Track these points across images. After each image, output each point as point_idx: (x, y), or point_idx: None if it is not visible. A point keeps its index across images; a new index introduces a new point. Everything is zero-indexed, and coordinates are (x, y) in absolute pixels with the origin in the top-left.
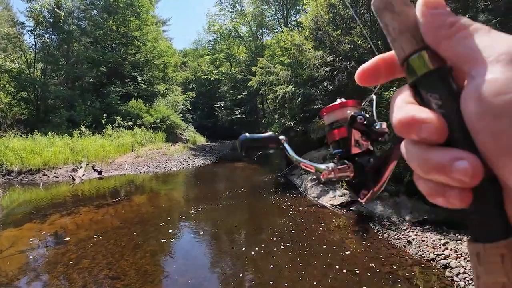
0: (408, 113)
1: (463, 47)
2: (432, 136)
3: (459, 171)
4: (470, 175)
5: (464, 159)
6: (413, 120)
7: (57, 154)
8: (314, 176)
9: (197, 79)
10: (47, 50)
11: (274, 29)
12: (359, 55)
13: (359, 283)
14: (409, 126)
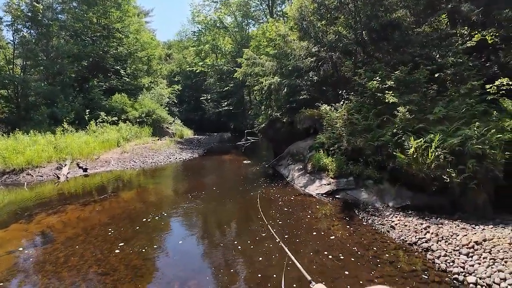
0: None
1: None
2: None
3: None
4: None
5: None
6: None
7: (40, 153)
8: (300, 166)
9: (182, 72)
10: (26, 45)
11: (260, 19)
12: (343, 46)
13: (344, 268)
14: None
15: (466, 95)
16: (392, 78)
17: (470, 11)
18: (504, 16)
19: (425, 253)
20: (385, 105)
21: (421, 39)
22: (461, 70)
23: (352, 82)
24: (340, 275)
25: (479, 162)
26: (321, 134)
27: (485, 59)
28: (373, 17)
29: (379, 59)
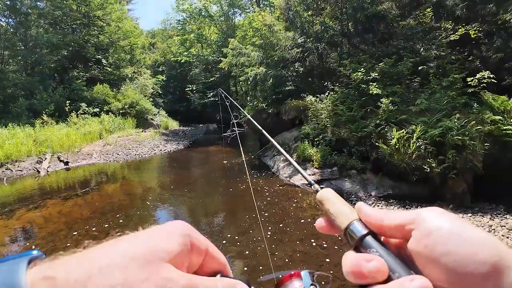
0: (355, 263)
1: (395, 218)
2: (378, 274)
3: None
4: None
5: (418, 278)
6: (361, 266)
7: (19, 146)
8: None
9: (167, 62)
10: (3, 35)
11: (246, 9)
12: (329, 36)
13: (327, 256)
14: (359, 273)
15: (448, 88)
16: (377, 70)
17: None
18: (488, 11)
19: None
20: (369, 96)
21: (405, 32)
22: (444, 63)
23: (337, 74)
24: (323, 262)
25: (459, 152)
26: (307, 125)
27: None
28: (359, 8)
29: (364, 51)
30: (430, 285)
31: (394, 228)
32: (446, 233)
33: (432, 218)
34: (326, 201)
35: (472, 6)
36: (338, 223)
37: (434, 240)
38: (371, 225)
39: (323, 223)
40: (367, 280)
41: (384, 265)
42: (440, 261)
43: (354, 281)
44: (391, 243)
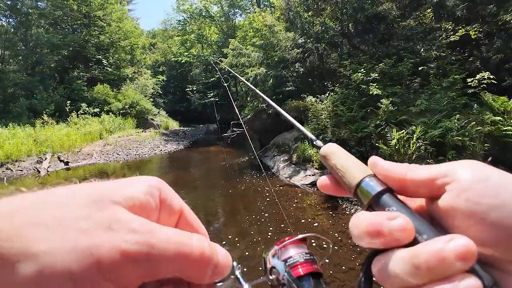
0: (374, 221)
1: (422, 171)
2: (403, 233)
3: (457, 247)
4: (470, 249)
5: (458, 237)
6: (381, 224)
7: (20, 146)
8: (286, 157)
9: (167, 62)
10: (4, 35)
11: (247, 9)
12: (330, 37)
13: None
14: (377, 233)
15: (448, 88)
16: (377, 70)
17: (455, 6)
18: (489, 12)
19: None
20: (369, 97)
21: (406, 33)
22: (444, 64)
23: (337, 74)
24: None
25: (459, 153)
26: (307, 125)
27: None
28: (360, 9)
29: (365, 51)
30: (473, 244)
31: (421, 183)
32: (495, 184)
33: (473, 169)
34: (332, 155)
35: (473, 6)
36: (347, 179)
37: (480, 192)
38: (389, 181)
39: (327, 181)
40: (387, 242)
41: (411, 224)
42: (488, 216)
43: (368, 243)
44: (410, 206)
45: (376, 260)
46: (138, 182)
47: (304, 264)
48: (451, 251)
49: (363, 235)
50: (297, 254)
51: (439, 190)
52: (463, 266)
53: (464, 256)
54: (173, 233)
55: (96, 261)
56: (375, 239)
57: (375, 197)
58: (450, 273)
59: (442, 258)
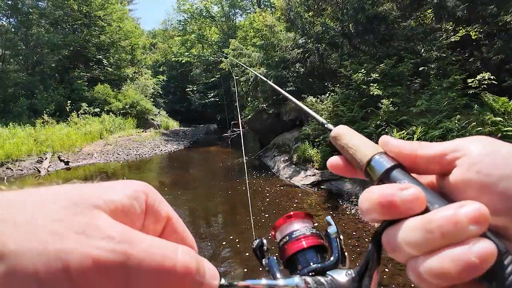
0: (387, 192)
1: (433, 147)
2: (416, 202)
3: (470, 211)
4: (483, 213)
5: (470, 202)
6: (393, 194)
7: (20, 146)
8: (286, 157)
9: (167, 62)
10: (5, 35)
11: (247, 9)
12: (330, 37)
13: None
14: (390, 203)
15: (449, 89)
16: (377, 70)
17: (456, 6)
18: (489, 13)
19: None
20: (370, 97)
21: (406, 33)
22: (445, 65)
23: (338, 74)
24: None
25: None
26: (307, 125)
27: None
28: (360, 9)
29: (365, 51)
30: (486, 208)
31: (432, 158)
32: (505, 156)
33: (483, 143)
34: (344, 135)
35: (473, 7)
36: (358, 156)
37: (491, 164)
38: (400, 157)
39: (338, 161)
40: (400, 212)
41: (423, 193)
42: (499, 187)
43: (380, 215)
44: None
45: (386, 231)
46: (123, 185)
47: (310, 237)
48: (465, 215)
49: (375, 206)
50: (303, 227)
51: (449, 165)
52: (477, 230)
53: (477, 219)
54: (156, 243)
55: (64, 267)
56: (387, 210)
57: (385, 172)
58: (463, 237)
59: (456, 222)
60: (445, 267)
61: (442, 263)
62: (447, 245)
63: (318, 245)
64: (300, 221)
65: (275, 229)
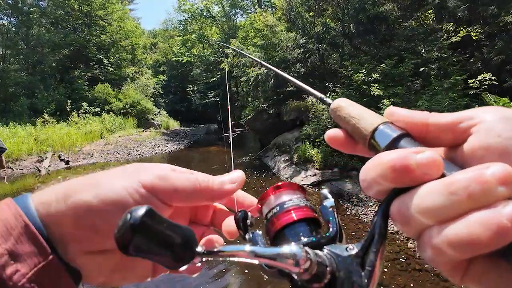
0: (400, 155)
1: (445, 116)
2: (433, 166)
3: (498, 171)
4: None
5: (495, 163)
6: (408, 158)
7: (20, 145)
8: (287, 157)
9: (168, 62)
10: (6, 34)
11: (248, 9)
12: (331, 37)
13: None
14: (404, 168)
15: (449, 89)
16: (378, 71)
17: (456, 7)
18: (490, 13)
19: (406, 242)
20: (371, 97)
21: (407, 33)
22: (445, 65)
23: (338, 75)
24: None
25: None
26: (307, 125)
27: (469, 55)
28: (361, 9)
29: (366, 52)
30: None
31: (445, 127)
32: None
33: (498, 110)
34: (345, 106)
35: (474, 7)
36: (362, 126)
37: (511, 127)
38: (409, 127)
39: (338, 133)
40: (414, 178)
41: (439, 157)
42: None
43: (390, 182)
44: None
45: (397, 200)
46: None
47: (302, 208)
48: (492, 175)
49: (386, 172)
50: (295, 198)
51: (464, 133)
52: (506, 192)
53: (506, 180)
54: (188, 174)
55: (140, 183)
56: (400, 175)
57: (393, 141)
58: (492, 199)
59: (483, 182)
60: (473, 232)
61: (470, 228)
62: (473, 208)
63: (311, 218)
64: (291, 192)
65: (261, 201)
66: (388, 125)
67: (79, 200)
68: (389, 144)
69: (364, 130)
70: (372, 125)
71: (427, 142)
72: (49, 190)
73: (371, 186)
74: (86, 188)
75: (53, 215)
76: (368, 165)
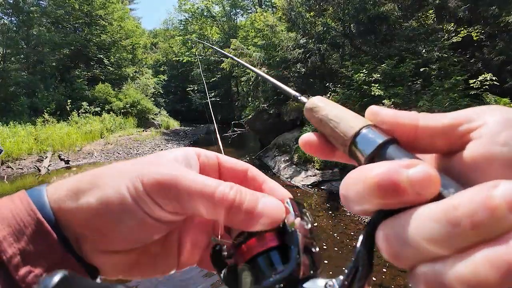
0: (388, 169)
1: (439, 118)
2: (428, 184)
3: (509, 193)
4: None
5: (504, 182)
6: (398, 173)
7: (20, 145)
8: (287, 158)
9: (168, 61)
10: (6, 33)
11: (248, 9)
12: (331, 37)
13: (328, 258)
14: (392, 186)
15: (450, 90)
16: (378, 71)
17: (457, 7)
18: (491, 13)
19: None
20: (371, 97)
21: (408, 34)
22: (446, 65)
23: (339, 75)
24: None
25: None
26: (308, 125)
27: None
28: (362, 9)
29: (366, 52)
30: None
31: (439, 131)
32: None
33: (503, 111)
34: (322, 107)
35: (475, 8)
36: (342, 129)
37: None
38: (396, 131)
39: (313, 137)
40: (405, 198)
41: (436, 172)
42: None
43: (375, 203)
44: None
45: (384, 225)
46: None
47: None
48: (503, 198)
49: (371, 190)
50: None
51: (461, 139)
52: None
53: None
54: (201, 178)
55: (141, 182)
56: (389, 195)
57: (378, 149)
58: (502, 229)
59: (492, 208)
60: (480, 273)
61: (475, 268)
62: (480, 242)
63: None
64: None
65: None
66: (371, 129)
67: (86, 203)
68: (373, 152)
69: (344, 135)
70: (353, 128)
71: (416, 148)
72: (63, 185)
73: (353, 205)
74: (92, 187)
75: (65, 213)
76: (349, 180)
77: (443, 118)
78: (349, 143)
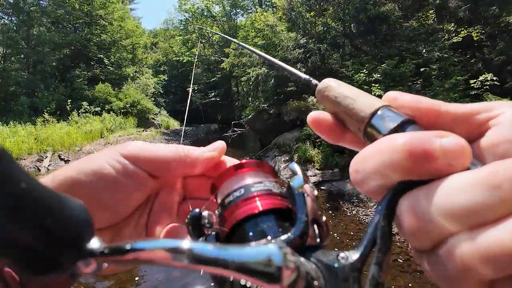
0: (420, 137)
1: (460, 106)
2: (461, 154)
3: None
4: None
5: None
6: (431, 141)
7: (20, 144)
8: (287, 158)
9: (168, 61)
10: (6, 33)
11: (248, 9)
12: (332, 37)
13: None
14: (424, 154)
15: (451, 90)
16: (379, 71)
17: (458, 7)
18: (491, 14)
19: (406, 242)
20: None
21: (408, 34)
22: (446, 65)
23: (339, 75)
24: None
25: None
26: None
27: (470, 55)
28: (362, 9)
29: (367, 52)
30: None
31: (460, 117)
32: None
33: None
34: (336, 87)
35: (475, 8)
36: (358, 107)
37: None
38: (416, 114)
39: (324, 115)
40: (435, 169)
41: (468, 145)
42: None
43: (402, 172)
44: None
45: (409, 196)
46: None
47: (270, 196)
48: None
49: (400, 159)
50: (260, 181)
51: (479, 127)
52: None
53: None
54: (170, 145)
55: (120, 152)
56: (419, 164)
57: (400, 126)
58: None
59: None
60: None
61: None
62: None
63: (282, 210)
64: (254, 174)
65: (215, 189)
66: (390, 110)
67: (63, 176)
68: (394, 129)
69: (361, 112)
70: (372, 106)
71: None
72: (44, 177)
73: (369, 179)
74: (71, 166)
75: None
76: (368, 152)
77: (464, 105)
78: (367, 120)
